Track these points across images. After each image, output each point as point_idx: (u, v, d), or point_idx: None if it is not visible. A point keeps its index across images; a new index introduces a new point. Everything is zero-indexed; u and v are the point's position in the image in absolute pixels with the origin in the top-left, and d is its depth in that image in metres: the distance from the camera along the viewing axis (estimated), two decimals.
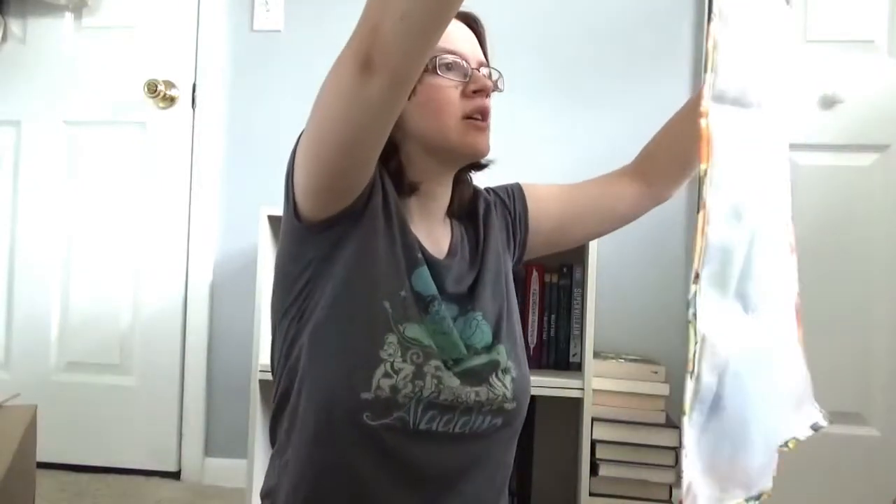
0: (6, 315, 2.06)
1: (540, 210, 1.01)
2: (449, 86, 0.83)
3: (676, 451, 1.56)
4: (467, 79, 0.84)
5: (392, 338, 0.78)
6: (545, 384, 1.53)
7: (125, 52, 2.03)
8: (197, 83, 2.00)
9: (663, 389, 1.58)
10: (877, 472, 1.76)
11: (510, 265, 0.98)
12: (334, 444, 0.78)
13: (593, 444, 1.56)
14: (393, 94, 0.68)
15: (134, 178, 2.02)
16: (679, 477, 0.53)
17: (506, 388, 0.84)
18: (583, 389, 1.54)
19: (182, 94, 2.00)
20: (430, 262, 0.85)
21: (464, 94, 0.84)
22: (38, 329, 2.04)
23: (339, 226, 0.80)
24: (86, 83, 2.03)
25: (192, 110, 2.00)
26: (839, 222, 1.80)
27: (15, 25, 2.07)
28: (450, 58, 0.83)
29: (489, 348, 0.87)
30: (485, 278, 0.90)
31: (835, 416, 1.81)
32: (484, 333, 0.87)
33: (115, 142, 2.02)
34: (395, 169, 0.86)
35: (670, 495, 1.58)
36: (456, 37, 0.85)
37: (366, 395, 0.76)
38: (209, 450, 2.00)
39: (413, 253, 0.84)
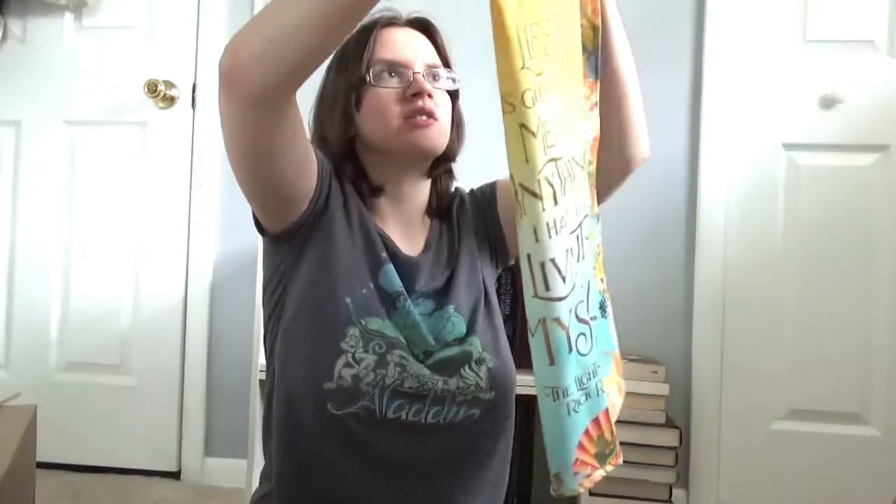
0: (6, 315, 2.06)
1: (509, 203, 1.01)
2: (387, 94, 0.87)
3: (676, 451, 1.56)
4: (406, 84, 0.87)
5: (354, 330, 0.82)
6: None
7: (125, 52, 2.03)
8: (197, 83, 2.00)
9: (663, 389, 1.58)
10: (877, 472, 1.76)
11: (487, 262, 0.99)
12: (305, 438, 0.81)
13: None
14: (260, 114, 0.70)
15: (134, 178, 2.02)
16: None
17: (479, 377, 0.86)
18: None
19: (182, 94, 2.00)
20: (399, 260, 0.89)
21: (404, 99, 0.87)
22: (38, 329, 2.03)
23: (299, 235, 0.85)
24: (86, 83, 2.03)
25: (192, 110, 2.00)
26: (839, 222, 1.80)
27: (15, 25, 2.07)
28: (385, 67, 0.88)
29: (462, 340, 0.89)
30: (459, 273, 0.93)
31: (835, 416, 1.82)
32: (456, 326, 0.89)
33: (115, 142, 2.02)
34: (353, 176, 0.90)
35: (670, 495, 1.58)
36: (398, 45, 0.89)
37: (328, 385, 0.79)
38: (209, 450, 2.00)
39: (376, 252, 0.88)
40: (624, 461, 1.60)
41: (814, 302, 1.80)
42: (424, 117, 0.86)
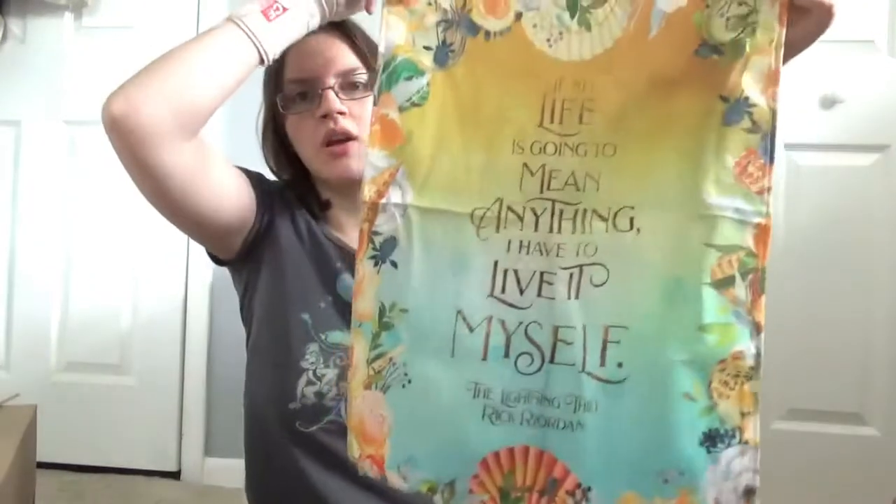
0: (6, 315, 2.05)
1: None
2: (302, 119, 0.84)
3: None
4: (317, 104, 0.83)
5: (313, 346, 0.81)
6: None
7: (125, 52, 2.02)
8: None
9: None
10: (877, 472, 1.76)
11: None
12: (280, 457, 0.82)
13: None
14: (156, 156, 0.72)
15: None
16: None
17: None
18: None
19: None
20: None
21: (318, 122, 0.83)
22: (38, 329, 2.03)
23: (250, 259, 0.85)
24: (86, 83, 2.03)
25: None
26: (839, 222, 1.80)
27: (15, 25, 2.06)
28: (294, 88, 0.84)
29: None
30: None
31: (835, 417, 1.81)
32: None
33: None
34: (300, 194, 0.88)
35: None
36: (306, 58, 0.84)
37: (293, 405, 0.80)
38: (209, 450, 2.00)
39: (330, 264, 0.85)
40: None
41: (813, 302, 1.80)
42: (339, 142, 0.83)
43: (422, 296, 0.69)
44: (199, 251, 2.00)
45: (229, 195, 0.81)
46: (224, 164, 0.82)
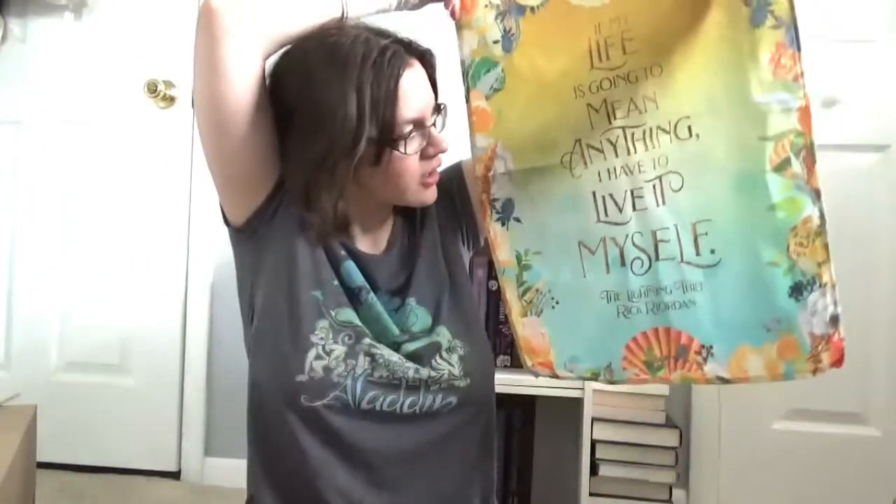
0: (6, 315, 2.05)
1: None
2: (411, 156, 0.85)
3: (676, 451, 1.56)
4: (426, 142, 0.86)
5: (324, 322, 0.84)
6: (545, 384, 1.53)
7: (125, 52, 2.02)
8: None
9: (663, 389, 1.58)
10: (877, 472, 1.76)
11: (458, 246, 0.99)
12: (279, 431, 0.83)
13: (593, 444, 1.56)
14: (236, 51, 0.84)
15: (134, 178, 2.02)
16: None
17: (451, 366, 0.86)
18: (583, 389, 1.54)
19: (182, 94, 2.00)
20: (359, 258, 0.89)
21: (423, 156, 0.86)
22: (38, 329, 2.03)
23: (260, 231, 0.87)
24: (86, 83, 2.03)
25: (192, 110, 1.99)
26: (839, 222, 1.78)
27: (15, 25, 2.07)
28: (414, 131, 0.83)
29: (429, 331, 0.89)
30: (419, 265, 0.93)
31: (835, 416, 1.81)
32: (420, 318, 0.90)
33: (115, 142, 2.02)
34: (330, 211, 0.86)
35: (670, 495, 1.58)
36: (416, 96, 0.83)
37: (300, 378, 0.81)
38: (209, 450, 2.00)
39: (334, 250, 0.88)
40: (624, 461, 1.60)
41: None
42: (433, 174, 0.89)
43: (548, 238, 0.88)
44: (199, 250, 2.02)
45: (271, 145, 0.86)
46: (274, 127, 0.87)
